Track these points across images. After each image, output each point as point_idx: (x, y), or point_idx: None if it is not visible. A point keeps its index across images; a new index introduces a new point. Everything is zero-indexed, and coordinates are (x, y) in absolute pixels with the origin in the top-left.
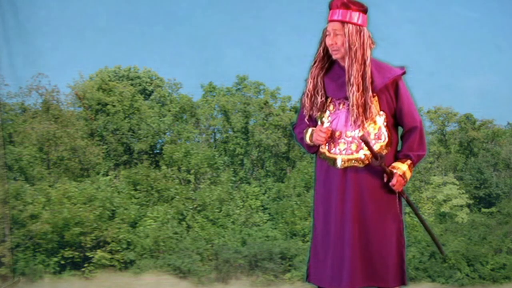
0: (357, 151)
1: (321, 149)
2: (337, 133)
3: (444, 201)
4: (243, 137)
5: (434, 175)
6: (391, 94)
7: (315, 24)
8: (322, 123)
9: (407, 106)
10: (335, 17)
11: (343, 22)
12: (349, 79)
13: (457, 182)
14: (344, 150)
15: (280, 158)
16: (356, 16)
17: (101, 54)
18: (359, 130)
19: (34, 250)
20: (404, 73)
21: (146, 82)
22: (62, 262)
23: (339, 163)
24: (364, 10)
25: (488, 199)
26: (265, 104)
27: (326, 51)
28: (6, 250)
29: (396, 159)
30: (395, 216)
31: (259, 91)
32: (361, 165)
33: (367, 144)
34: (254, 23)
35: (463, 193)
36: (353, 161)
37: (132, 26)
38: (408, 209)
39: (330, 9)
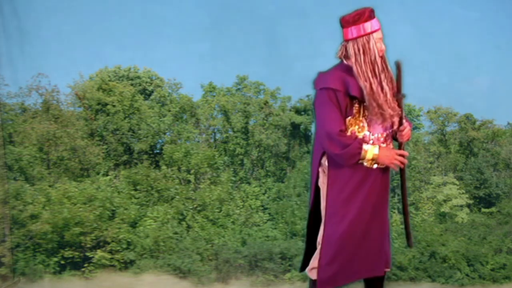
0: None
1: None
2: (384, 135)
3: (444, 201)
4: (243, 137)
5: (434, 175)
6: None
7: (316, 25)
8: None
9: None
10: (379, 25)
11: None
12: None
13: (457, 182)
14: None
15: (280, 158)
16: None
17: (101, 54)
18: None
19: (34, 250)
20: None
21: (146, 82)
22: (62, 262)
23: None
24: None
25: (488, 199)
26: (265, 104)
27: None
28: (6, 250)
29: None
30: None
31: (259, 91)
32: None
33: (399, 72)
34: (255, 22)
35: (463, 193)
36: None
37: (132, 26)
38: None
39: (366, 20)
